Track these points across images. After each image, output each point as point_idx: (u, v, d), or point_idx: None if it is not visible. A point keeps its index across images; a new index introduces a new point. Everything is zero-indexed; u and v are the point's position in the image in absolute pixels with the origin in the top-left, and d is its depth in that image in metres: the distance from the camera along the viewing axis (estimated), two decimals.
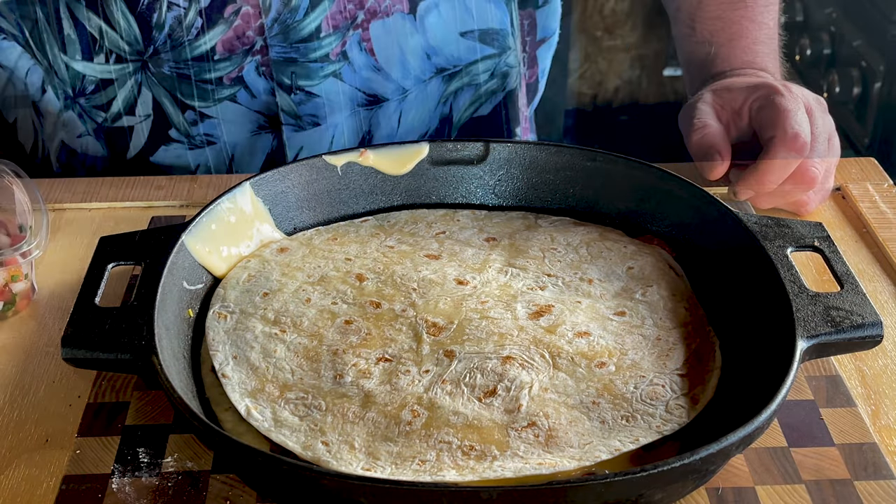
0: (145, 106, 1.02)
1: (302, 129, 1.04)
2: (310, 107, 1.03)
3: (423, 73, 1.04)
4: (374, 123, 1.05)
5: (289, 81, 1.01)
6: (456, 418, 0.65)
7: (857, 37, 1.85)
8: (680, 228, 0.82)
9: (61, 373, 0.75)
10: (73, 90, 1.02)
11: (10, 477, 0.67)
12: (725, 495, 0.65)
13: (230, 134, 1.04)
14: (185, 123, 1.03)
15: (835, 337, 0.67)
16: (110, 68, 1.00)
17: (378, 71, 1.02)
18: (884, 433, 0.71)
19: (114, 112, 1.02)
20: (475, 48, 1.05)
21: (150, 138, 1.04)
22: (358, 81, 1.03)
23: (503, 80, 1.08)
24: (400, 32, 1.02)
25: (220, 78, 1.00)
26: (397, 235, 0.84)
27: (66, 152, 1.07)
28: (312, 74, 1.01)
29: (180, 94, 1.01)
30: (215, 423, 0.66)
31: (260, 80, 1.01)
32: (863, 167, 1.00)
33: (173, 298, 0.72)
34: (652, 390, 0.68)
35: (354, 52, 1.01)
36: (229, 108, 1.02)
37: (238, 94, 1.01)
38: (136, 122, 1.03)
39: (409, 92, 1.04)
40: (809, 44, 1.98)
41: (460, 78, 1.06)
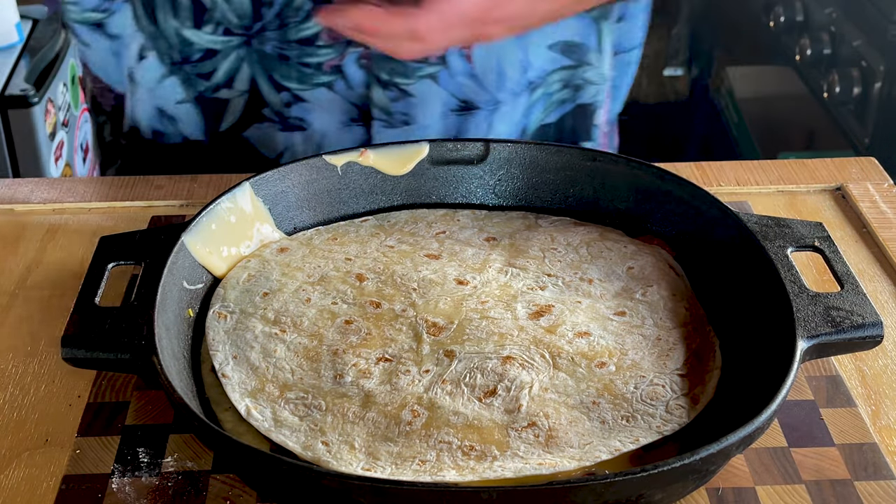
0: (242, 81, 1.03)
1: (392, 126, 1.04)
2: (402, 105, 1.03)
3: (517, 86, 1.05)
4: (461, 130, 1.05)
5: (386, 77, 1.01)
6: (456, 418, 0.65)
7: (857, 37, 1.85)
8: (680, 228, 0.82)
9: (61, 373, 0.75)
10: (181, 56, 1.03)
11: (10, 477, 0.67)
12: (725, 495, 0.65)
13: (321, 121, 1.04)
14: (279, 104, 1.03)
15: (835, 337, 0.67)
16: (217, 39, 1.01)
17: (474, 78, 1.03)
18: (884, 433, 0.71)
19: (214, 83, 1.03)
20: (556, 59, 1.06)
21: (244, 114, 1.04)
22: (453, 87, 1.03)
23: (575, 91, 1.08)
24: (500, 44, 1.02)
25: (319, 64, 1.01)
26: (397, 235, 0.84)
27: (161, 119, 1.08)
28: (410, 73, 1.02)
29: (279, 75, 1.01)
30: (215, 423, 0.66)
31: (358, 73, 1.01)
32: (863, 167, 1.00)
33: (173, 298, 0.72)
34: (652, 390, 0.68)
35: (454, 57, 1.02)
36: (325, 95, 1.03)
37: (335, 82, 1.02)
38: (232, 96, 1.04)
39: (501, 104, 1.05)
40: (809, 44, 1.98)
41: (540, 88, 1.07)
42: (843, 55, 1.90)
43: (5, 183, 0.98)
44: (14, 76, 1.81)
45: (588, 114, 1.10)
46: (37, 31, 1.96)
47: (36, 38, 1.93)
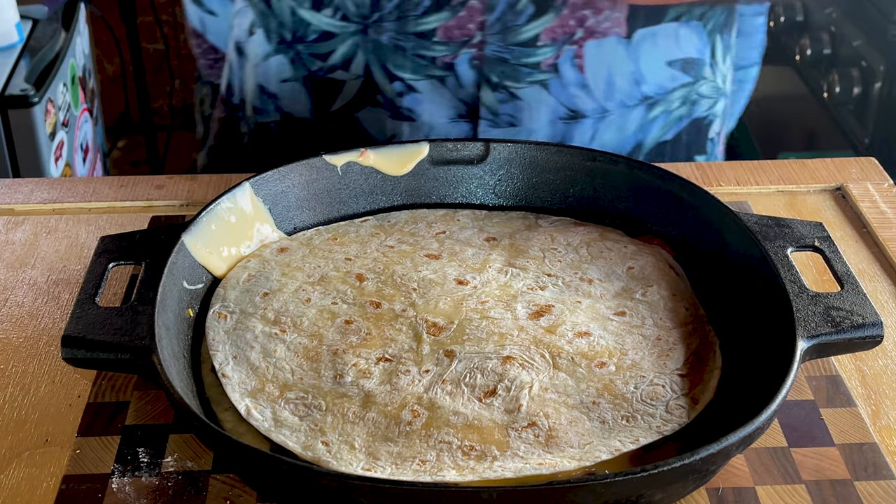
0: (358, 67, 1.03)
1: (497, 126, 1.05)
2: (510, 107, 1.04)
3: (629, 98, 1.05)
4: (567, 136, 1.06)
5: (496, 80, 1.02)
6: (456, 418, 0.65)
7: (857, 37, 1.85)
8: (680, 228, 0.82)
9: (61, 373, 0.75)
10: (293, 35, 1.04)
11: (10, 477, 0.67)
12: (725, 495, 0.65)
13: (430, 113, 1.05)
14: (391, 92, 1.04)
15: (835, 337, 0.67)
16: (335, 23, 1.02)
17: (584, 88, 1.04)
18: (884, 433, 0.71)
19: (331, 64, 1.04)
20: (676, 77, 1.06)
21: (356, 97, 1.05)
22: (563, 96, 1.04)
23: (691, 107, 1.09)
24: (612, 55, 1.03)
25: (434, 58, 1.02)
26: (397, 235, 0.84)
27: (264, 96, 1.09)
28: (520, 78, 1.02)
29: (392, 64, 1.02)
30: (215, 423, 0.66)
31: (470, 73, 1.02)
32: (863, 167, 1.00)
33: (173, 298, 0.72)
34: (652, 390, 0.68)
35: (566, 66, 1.02)
36: (436, 89, 1.03)
37: (447, 78, 1.02)
38: (348, 78, 1.05)
39: (609, 113, 1.05)
40: (809, 44, 1.97)
41: (659, 105, 1.07)
42: (843, 55, 1.89)
43: (5, 183, 0.98)
44: (14, 76, 1.80)
45: (703, 128, 1.11)
46: (37, 31, 1.96)
47: (36, 38, 1.93)
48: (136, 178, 0.98)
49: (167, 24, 2.90)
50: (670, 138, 1.10)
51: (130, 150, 2.98)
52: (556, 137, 1.06)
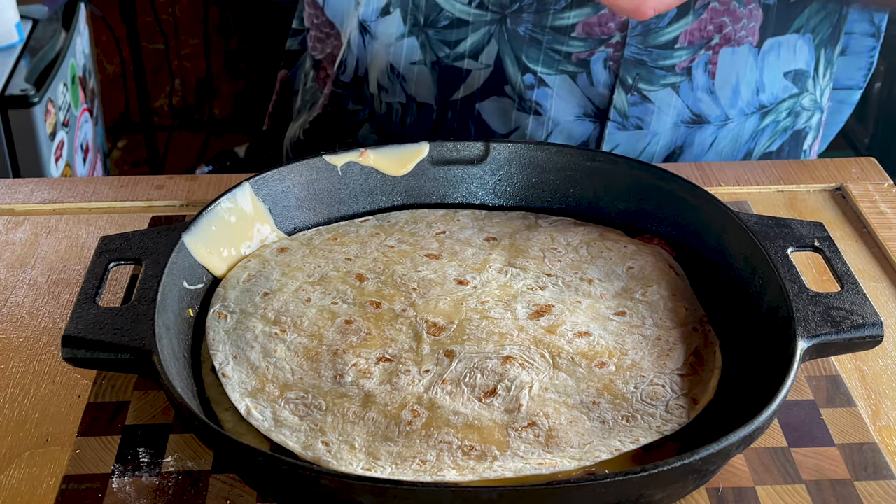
0: (489, 56, 1.03)
1: (624, 129, 1.05)
2: (639, 110, 1.04)
3: (748, 106, 1.06)
4: (687, 141, 1.06)
5: (630, 81, 1.02)
6: (456, 418, 0.65)
7: None
8: (680, 228, 0.82)
9: (61, 373, 0.75)
10: (426, 19, 1.04)
11: (10, 477, 0.67)
12: (725, 495, 0.65)
13: (558, 109, 1.04)
14: (521, 84, 1.04)
15: (835, 337, 0.67)
16: (470, 11, 1.02)
17: (711, 94, 1.04)
18: (884, 433, 0.71)
19: (458, 52, 1.04)
20: (788, 87, 1.07)
21: (484, 86, 1.05)
22: (691, 100, 1.04)
23: (794, 119, 1.10)
24: (743, 63, 1.04)
25: (569, 54, 1.01)
26: (397, 235, 0.84)
27: (392, 76, 1.09)
28: (654, 80, 1.03)
29: (526, 56, 1.02)
30: (215, 423, 0.66)
31: (603, 73, 1.02)
32: (863, 167, 1.00)
33: (173, 298, 0.72)
34: (652, 390, 0.68)
35: (699, 71, 1.03)
36: (566, 84, 1.03)
37: (579, 76, 1.02)
38: (475, 68, 1.04)
39: (730, 120, 1.06)
40: None
41: (771, 115, 1.08)
42: None
43: (5, 183, 0.98)
44: (14, 76, 1.80)
45: (800, 139, 1.12)
46: (37, 31, 1.95)
47: (36, 38, 1.93)
48: (136, 178, 0.98)
49: (167, 24, 2.90)
50: (775, 149, 1.11)
51: (130, 150, 2.98)
52: (678, 142, 1.06)
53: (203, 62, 2.94)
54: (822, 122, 1.14)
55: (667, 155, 1.07)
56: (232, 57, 2.97)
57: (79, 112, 2.07)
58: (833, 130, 1.21)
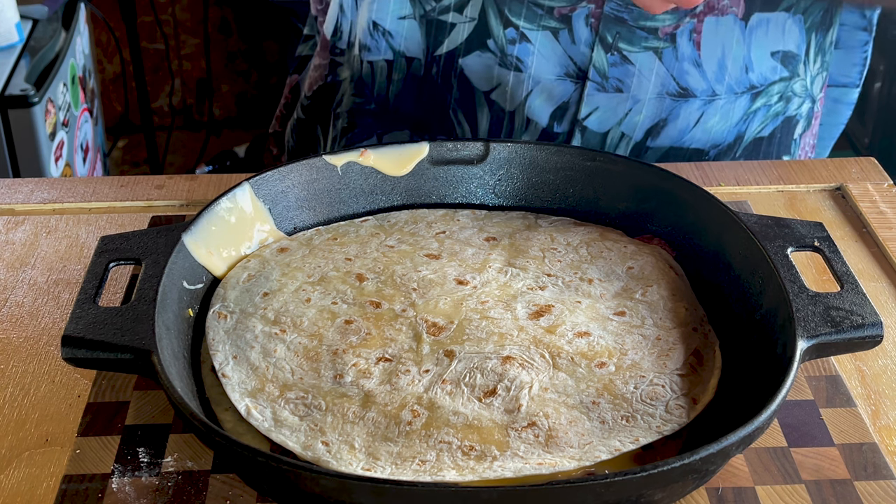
0: (474, 9, 1.03)
1: (604, 91, 1.04)
2: (620, 71, 1.03)
3: (737, 84, 1.05)
4: (672, 114, 1.05)
5: (611, 40, 1.01)
6: (456, 418, 0.65)
7: None
8: (680, 228, 0.82)
9: (61, 373, 0.75)
10: None
11: (10, 476, 0.67)
12: (725, 495, 0.65)
13: (538, 67, 1.04)
14: (503, 38, 1.03)
15: (835, 337, 0.67)
16: None
17: (697, 66, 1.03)
18: (884, 433, 0.71)
19: (444, 5, 1.04)
20: (777, 69, 1.06)
21: (467, 40, 1.05)
22: (675, 69, 1.03)
23: (786, 104, 1.09)
24: (728, 35, 1.03)
25: (551, 8, 1.01)
26: (397, 235, 0.84)
27: (377, 33, 1.09)
28: (635, 41, 1.02)
29: (508, 10, 1.02)
30: (215, 423, 0.66)
31: (585, 30, 1.02)
32: (863, 167, 1.00)
33: (173, 298, 0.72)
34: (652, 390, 0.68)
35: (683, 39, 1.02)
36: (548, 41, 1.03)
37: (560, 32, 1.02)
38: (460, 21, 1.04)
39: (717, 97, 1.05)
40: None
41: (762, 97, 1.07)
42: None
43: (5, 183, 0.98)
44: (14, 76, 1.81)
45: (791, 126, 1.11)
46: (37, 31, 1.96)
47: (36, 38, 1.93)
48: (136, 178, 0.98)
49: (167, 24, 2.90)
50: (766, 134, 1.10)
51: (130, 150, 2.98)
52: (663, 114, 1.05)
53: (203, 62, 2.94)
54: (814, 113, 1.13)
55: (651, 126, 1.06)
56: (232, 57, 2.97)
57: (79, 112, 2.07)
58: (834, 132, 1.20)
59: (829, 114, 1.17)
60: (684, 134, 1.06)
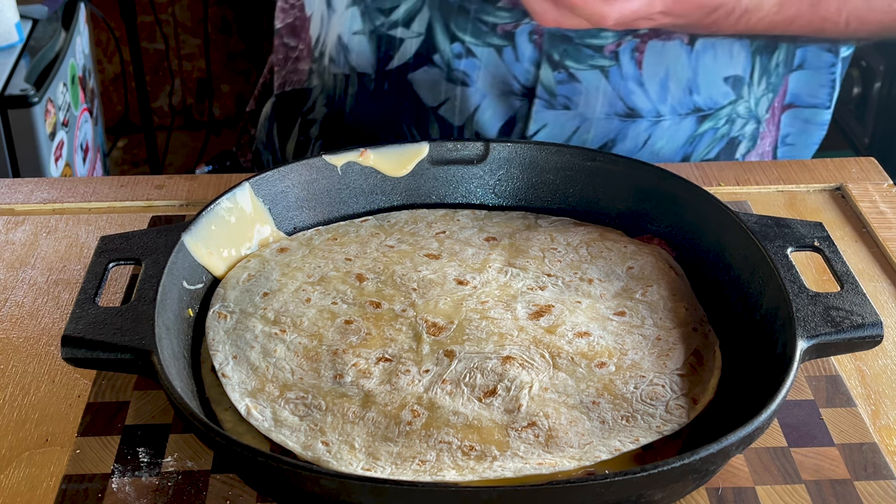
0: (421, 23, 1.03)
1: (552, 108, 1.04)
2: (567, 89, 1.03)
3: (681, 106, 1.05)
4: (620, 135, 1.06)
5: (557, 57, 1.01)
6: (456, 418, 0.65)
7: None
8: (680, 228, 0.82)
9: (61, 373, 0.75)
10: None
11: (10, 477, 0.67)
12: (725, 495, 0.65)
13: (485, 83, 1.04)
14: (450, 53, 1.04)
15: (835, 337, 0.67)
16: None
17: (640, 85, 1.03)
18: (884, 433, 0.71)
19: (393, 20, 1.04)
20: (727, 94, 1.06)
21: (415, 56, 1.05)
22: (621, 89, 1.03)
23: (731, 126, 1.09)
24: (673, 58, 1.03)
25: (495, 25, 1.01)
26: (397, 235, 0.84)
27: (340, 47, 1.09)
28: (581, 59, 1.02)
29: (455, 24, 1.02)
30: (215, 423, 0.66)
31: (529, 47, 1.02)
32: (863, 167, 1.00)
33: (173, 298, 0.72)
34: (652, 390, 0.68)
35: (625, 57, 1.02)
36: (494, 58, 1.03)
37: (505, 49, 1.02)
38: (408, 36, 1.04)
39: (663, 118, 1.05)
40: None
41: (709, 121, 1.07)
42: None
43: (5, 183, 0.98)
44: (14, 76, 1.80)
45: (734, 147, 1.11)
46: (37, 31, 1.95)
47: (36, 38, 1.93)
48: (136, 178, 0.98)
49: (167, 24, 2.90)
50: (713, 157, 1.10)
51: (130, 150, 2.98)
52: (611, 134, 1.05)
53: (203, 62, 2.94)
54: (759, 133, 1.13)
55: (600, 146, 1.06)
56: (232, 57, 2.97)
57: (78, 112, 2.07)
58: (807, 153, 1.18)
59: (800, 134, 1.16)
60: (633, 154, 1.06)
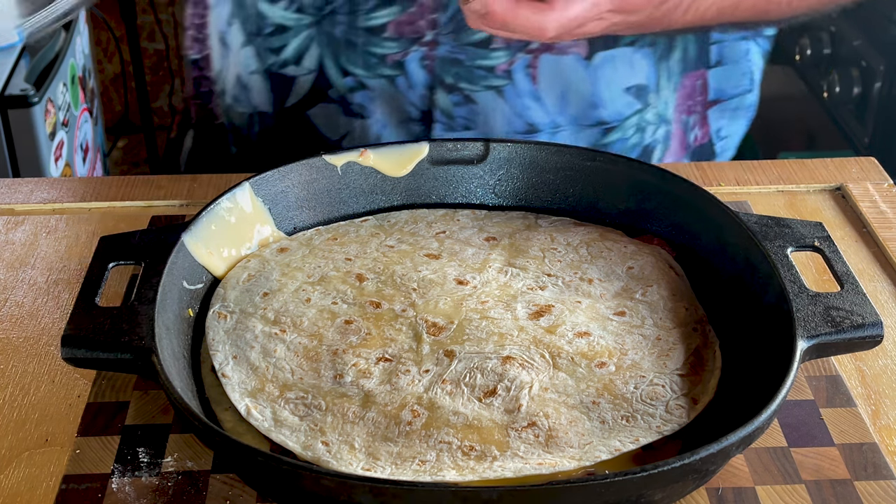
0: (311, 60, 1.03)
1: (452, 130, 1.04)
2: (465, 110, 1.03)
3: (583, 118, 1.05)
4: None
5: (451, 81, 1.02)
6: (456, 418, 0.65)
7: (857, 37, 1.85)
8: (680, 228, 0.82)
9: (61, 373, 0.75)
10: (255, 28, 1.04)
11: (10, 477, 0.67)
12: (725, 495, 0.65)
13: (382, 114, 1.04)
14: (344, 88, 1.04)
15: (835, 337, 0.67)
16: (289, 16, 1.02)
17: (537, 100, 1.03)
18: (884, 433, 0.71)
19: (283, 59, 1.04)
20: (632, 104, 1.06)
21: (310, 92, 1.05)
22: (518, 106, 1.03)
23: (641, 134, 1.09)
24: (571, 73, 1.02)
25: (384, 56, 1.01)
26: (397, 235, 0.84)
27: (239, 87, 1.09)
28: (475, 80, 1.02)
29: (345, 59, 1.02)
30: (215, 423, 0.66)
31: (421, 73, 1.02)
32: (863, 167, 1.00)
33: (173, 298, 0.72)
34: (652, 390, 0.68)
35: (519, 75, 1.02)
36: (388, 89, 1.03)
37: (397, 78, 1.02)
38: (299, 74, 1.04)
39: (561, 128, 1.05)
40: (809, 44, 1.97)
41: (616, 132, 1.07)
42: (843, 55, 1.89)
43: (5, 183, 0.98)
44: (14, 76, 1.80)
45: (648, 154, 1.11)
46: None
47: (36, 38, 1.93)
48: (136, 178, 0.98)
49: (167, 24, 2.90)
50: None
51: (130, 150, 2.98)
52: None
53: None
54: (671, 134, 1.12)
55: None
56: None
57: (78, 112, 2.07)
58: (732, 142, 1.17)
59: (731, 123, 1.15)
60: None
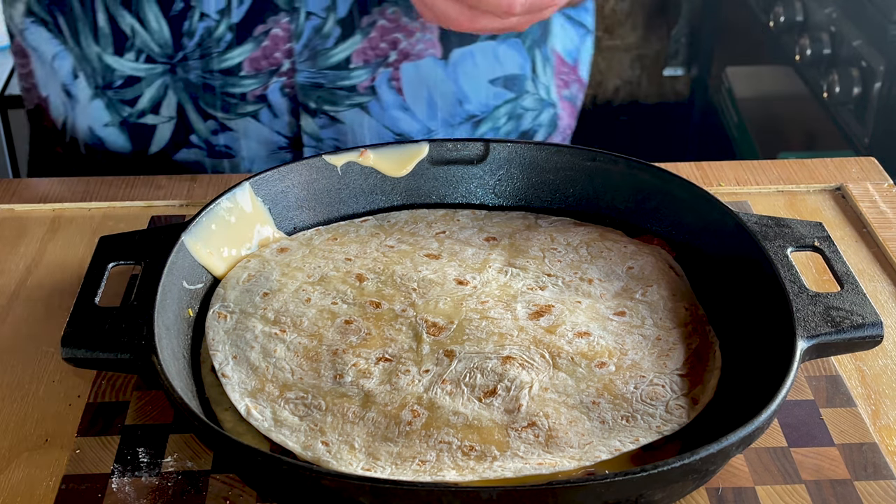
0: (169, 108, 1.03)
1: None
2: (333, 131, 1.03)
3: (452, 117, 1.05)
4: None
5: (314, 105, 1.02)
6: (456, 418, 0.65)
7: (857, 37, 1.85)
8: (680, 228, 0.82)
9: (61, 373, 0.75)
10: (103, 81, 1.03)
11: (9, 477, 0.67)
12: (725, 495, 0.65)
13: (249, 149, 1.04)
14: (206, 131, 1.03)
15: (835, 337, 0.67)
16: (140, 67, 1.01)
17: (405, 110, 1.03)
18: (884, 433, 0.71)
19: (139, 109, 1.03)
20: (501, 94, 1.06)
21: (171, 139, 1.04)
22: (386, 119, 1.03)
23: (517, 121, 1.09)
24: (431, 76, 1.03)
25: (243, 94, 1.01)
26: (397, 235, 0.84)
27: (92, 138, 1.08)
28: (339, 101, 1.02)
29: (204, 102, 1.01)
30: (215, 423, 0.66)
31: (283, 101, 1.02)
32: (863, 167, 1.00)
33: (173, 298, 0.72)
34: (652, 390, 0.68)
35: (383, 89, 1.02)
36: (251, 125, 1.03)
37: (261, 112, 1.02)
38: (159, 122, 1.04)
39: (434, 133, 1.05)
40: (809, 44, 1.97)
41: (486, 123, 1.07)
42: (843, 55, 1.89)
43: (5, 183, 0.98)
44: (14, 76, 1.80)
45: (530, 137, 1.12)
46: None
47: None
48: (137, 178, 0.98)
49: None
50: None
51: None
52: None
53: None
54: (557, 115, 1.13)
55: None
56: None
57: None
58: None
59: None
60: None
